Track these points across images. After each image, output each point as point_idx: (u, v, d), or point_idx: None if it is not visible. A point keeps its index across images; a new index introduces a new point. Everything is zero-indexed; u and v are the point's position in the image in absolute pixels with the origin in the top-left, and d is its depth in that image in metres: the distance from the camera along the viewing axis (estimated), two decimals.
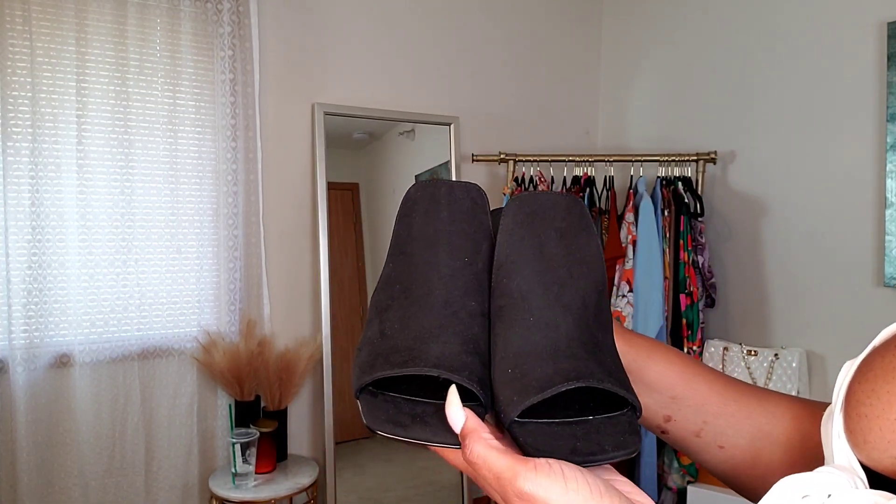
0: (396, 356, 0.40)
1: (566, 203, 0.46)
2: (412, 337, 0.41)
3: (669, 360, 0.53)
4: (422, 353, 0.40)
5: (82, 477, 2.02)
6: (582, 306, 0.42)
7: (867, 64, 2.10)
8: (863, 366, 0.37)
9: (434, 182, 0.47)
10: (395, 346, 0.41)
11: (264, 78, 2.32)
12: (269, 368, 2.20)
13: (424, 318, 0.42)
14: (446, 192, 0.46)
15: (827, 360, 2.22)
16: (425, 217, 0.45)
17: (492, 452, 0.37)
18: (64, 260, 2.00)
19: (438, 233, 0.45)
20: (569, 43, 3.05)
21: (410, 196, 0.47)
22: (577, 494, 0.35)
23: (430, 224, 0.45)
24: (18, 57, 1.92)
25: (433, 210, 0.46)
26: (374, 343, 0.42)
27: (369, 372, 0.40)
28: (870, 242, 2.10)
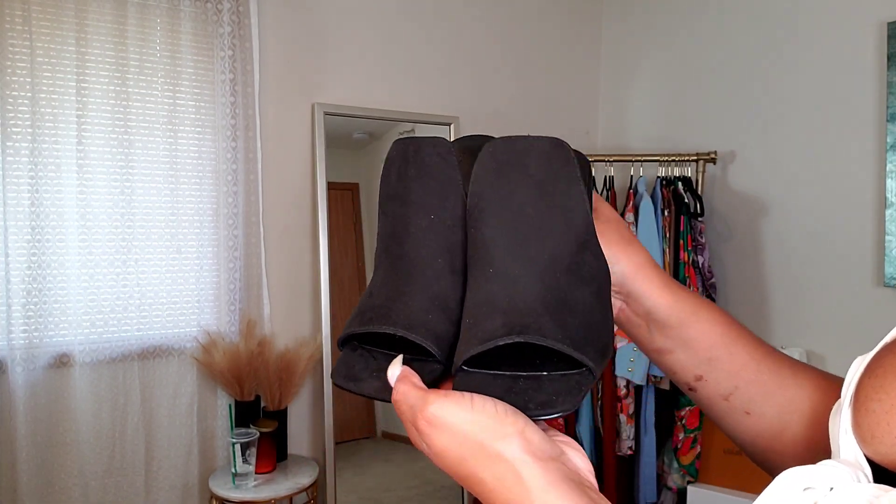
0: (368, 314, 0.41)
1: (546, 148, 0.42)
2: (385, 296, 0.42)
3: (714, 319, 0.51)
4: (389, 311, 0.41)
5: (82, 477, 2.02)
6: (551, 259, 0.40)
7: (867, 64, 2.10)
8: (873, 362, 0.37)
9: (405, 140, 0.46)
10: (372, 304, 0.42)
11: (264, 78, 2.32)
12: (269, 368, 2.20)
13: (397, 278, 0.43)
14: (413, 149, 0.45)
15: (827, 360, 2.22)
16: (397, 176, 0.45)
17: (411, 388, 0.37)
18: (64, 260, 2.00)
19: (407, 190, 0.45)
20: (569, 43, 3.04)
21: (389, 156, 0.47)
22: (482, 414, 0.35)
23: (400, 182, 0.45)
24: (18, 57, 1.92)
25: (403, 168, 0.45)
26: (361, 301, 0.43)
27: (346, 328, 0.42)
28: (870, 242, 2.10)
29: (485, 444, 0.35)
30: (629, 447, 2.42)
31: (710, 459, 2.32)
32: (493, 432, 0.35)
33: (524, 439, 0.35)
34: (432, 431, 0.36)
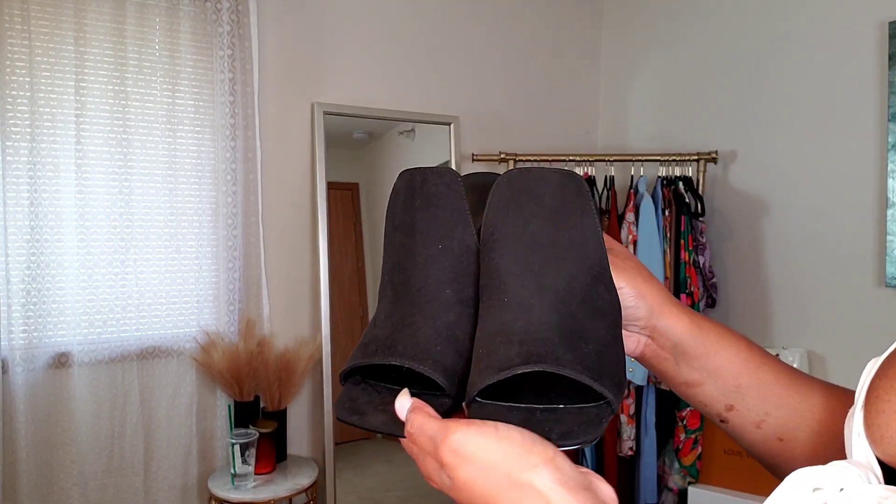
0: (372, 346, 0.41)
1: (559, 179, 0.42)
2: (391, 327, 0.41)
3: (738, 345, 0.51)
4: (394, 342, 0.40)
5: (81, 477, 2.01)
6: (566, 289, 0.40)
7: (868, 64, 2.09)
8: (885, 363, 0.36)
9: (412, 171, 0.46)
10: (376, 336, 0.41)
11: (264, 77, 2.32)
12: (268, 368, 2.20)
13: (403, 308, 0.42)
14: (420, 180, 0.45)
15: (828, 360, 2.22)
16: (403, 207, 0.45)
17: (429, 419, 0.36)
18: (62, 260, 1.99)
19: (413, 220, 0.44)
20: (569, 42, 3.04)
21: (395, 187, 0.46)
22: (509, 443, 0.34)
23: (407, 213, 0.45)
24: (17, 56, 1.92)
25: (409, 199, 0.45)
26: (366, 332, 0.43)
27: (349, 361, 0.41)
28: (871, 242, 2.09)
29: (512, 474, 0.33)
30: (630, 448, 2.42)
31: (711, 460, 2.31)
32: (522, 462, 0.33)
33: (555, 468, 0.33)
34: (457, 462, 0.34)
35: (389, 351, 0.40)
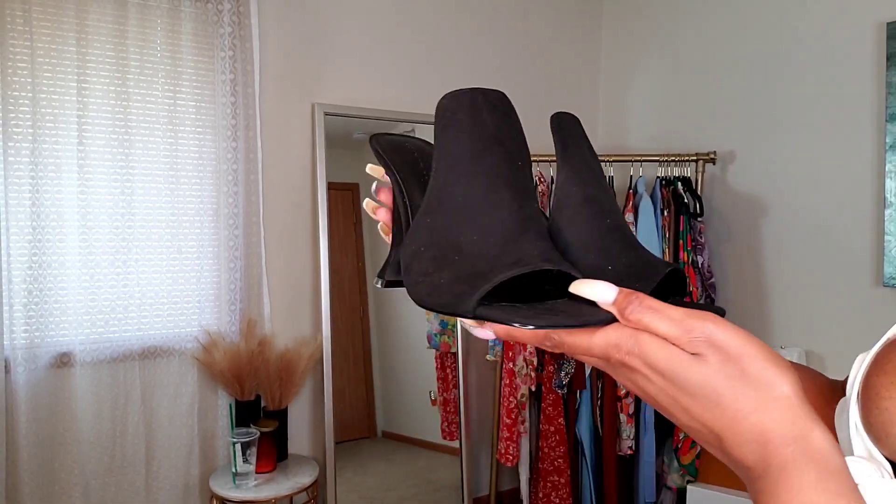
0: (504, 259, 0.39)
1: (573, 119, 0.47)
2: (498, 244, 0.40)
3: None
4: (523, 254, 0.39)
5: (83, 476, 2.02)
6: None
7: (867, 64, 2.10)
8: (880, 358, 0.36)
9: (465, 91, 0.46)
10: (486, 253, 0.40)
11: (264, 78, 2.33)
12: (269, 368, 2.21)
13: (502, 226, 0.41)
14: (482, 99, 0.46)
15: (826, 360, 2.23)
16: (473, 127, 0.44)
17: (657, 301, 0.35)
18: (64, 260, 2.00)
19: (491, 139, 0.44)
20: (568, 43, 3.05)
21: (446, 106, 0.45)
22: (758, 345, 0.34)
23: (479, 132, 0.44)
24: (19, 57, 1.93)
25: (478, 118, 0.44)
26: (456, 258, 0.40)
27: (477, 282, 0.38)
28: (869, 242, 2.10)
29: (754, 371, 0.34)
30: (629, 447, 2.43)
31: (709, 459, 2.32)
32: (771, 362, 0.34)
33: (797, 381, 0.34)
34: (704, 346, 0.34)
35: (528, 260, 0.38)
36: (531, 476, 2.58)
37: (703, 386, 0.33)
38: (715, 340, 0.33)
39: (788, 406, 0.32)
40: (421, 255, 0.42)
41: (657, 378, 0.35)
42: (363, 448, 2.70)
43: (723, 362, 0.33)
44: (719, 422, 0.33)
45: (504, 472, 2.77)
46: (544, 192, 2.62)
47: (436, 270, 0.41)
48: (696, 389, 0.33)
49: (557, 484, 2.49)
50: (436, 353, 2.71)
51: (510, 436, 2.48)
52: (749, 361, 0.33)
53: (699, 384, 0.33)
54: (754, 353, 0.33)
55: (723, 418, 0.33)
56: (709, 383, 0.33)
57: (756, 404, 0.32)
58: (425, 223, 0.44)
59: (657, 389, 0.35)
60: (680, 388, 0.34)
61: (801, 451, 0.31)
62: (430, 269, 0.41)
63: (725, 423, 0.33)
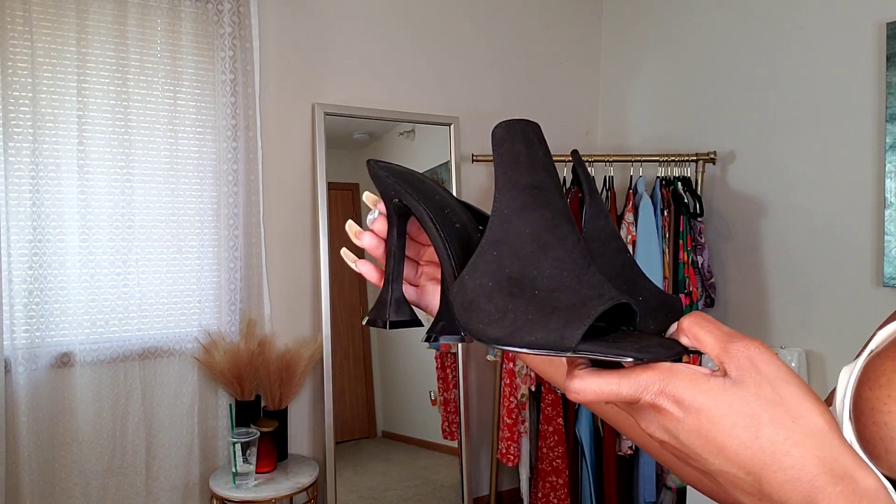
0: (586, 292, 0.38)
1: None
2: (573, 276, 0.39)
3: None
4: (600, 287, 0.38)
5: (83, 476, 2.02)
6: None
7: (867, 64, 2.10)
8: (870, 371, 0.35)
9: (517, 122, 0.46)
10: (566, 286, 0.38)
11: (264, 78, 2.33)
12: (269, 368, 2.21)
13: (571, 258, 0.40)
14: (531, 129, 0.46)
15: (826, 360, 2.23)
16: (529, 158, 0.44)
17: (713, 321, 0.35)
18: (65, 260, 2.00)
19: (545, 170, 0.43)
20: (569, 43, 3.05)
21: (502, 136, 0.45)
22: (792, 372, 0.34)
23: (536, 163, 0.43)
24: (19, 57, 1.93)
25: (532, 150, 0.44)
26: (536, 292, 0.39)
27: (571, 316, 0.36)
28: (869, 242, 2.10)
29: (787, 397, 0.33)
30: (629, 447, 2.43)
31: None
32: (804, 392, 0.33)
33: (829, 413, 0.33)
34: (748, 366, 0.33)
35: (610, 295, 0.38)
36: (531, 476, 2.58)
37: (741, 413, 0.32)
38: (756, 361, 0.33)
39: (829, 442, 0.31)
40: (491, 291, 0.39)
41: (689, 417, 0.33)
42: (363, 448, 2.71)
43: (760, 384, 0.32)
44: (759, 458, 0.31)
45: (504, 472, 2.77)
46: None
47: (516, 307, 0.38)
48: (734, 419, 0.32)
49: (556, 484, 2.49)
50: (436, 352, 2.71)
51: (510, 436, 2.48)
52: (785, 388, 0.32)
53: (737, 411, 0.32)
54: (791, 380, 0.32)
55: (763, 453, 0.31)
56: (747, 405, 0.32)
57: (797, 438, 0.31)
58: (492, 256, 0.41)
59: (688, 431, 0.33)
60: (714, 424, 0.32)
61: (852, 491, 0.30)
62: (508, 306, 0.38)
63: (766, 459, 0.31)
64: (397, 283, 0.53)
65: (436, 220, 0.48)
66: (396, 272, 0.52)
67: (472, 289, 0.40)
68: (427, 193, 0.51)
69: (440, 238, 0.47)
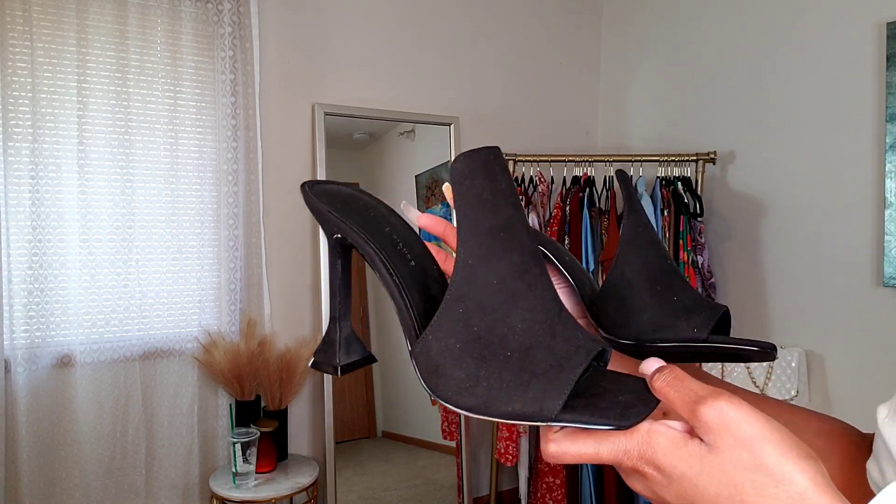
0: (560, 346, 0.36)
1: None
2: (545, 329, 0.37)
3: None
4: (575, 337, 0.36)
5: (83, 477, 2.02)
6: None
7: (867, 64, 2.10)
8: None
9: (479, 152, 0.42)
10: (538, 343, 0.36)
11: (265, 78, 2.33)
12: (269, 368, 2.21)
13: (543, 307, 0.37)
14: (494, 159, 0.41)
15: (826, 360, 2.23)
16: (493, 196, 0.40)
17: (688, 377, 0.34)
18: (65, 260, 2.00)
19: (511, 207, 0.40)
20: (569, 43, 3.05)
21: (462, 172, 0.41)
22: (774, 426, 0.32)
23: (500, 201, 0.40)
24: (19, 57, 1.93)
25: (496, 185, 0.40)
26: (508, 353, 0.36)
27: (548, 381, 0.34)
28: (869, 242, 2.10)
29: (766, 459, 0.32)
30: None
31: None
32: (786, 448, 0.32)
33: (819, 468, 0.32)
34: (718, 427, 0.32)
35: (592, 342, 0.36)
36: (530, 476, 2.58)
37: (722, 483, 0.31)
38: (727, 424, 0.31)
39: (816, 502, 0.30)
40: (459, 354, 0.36)
41: (673, 484, 0.33)
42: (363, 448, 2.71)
43: (734, 449, 0.31)
44: None
45: (504, 472, 2.78)
46: (544, 191, 2.62)
47: (489, 373, 0.35)
48: (717, 489, 0.31)
49: (554, 484, 2.49)
50: None
51: (509, 435, 2.48)
52: (763, 448, 0.31)
53: (718, 481, 0.31)
54: (769, 437, 0.31)
55: None
56: (727, 475, 0.31)
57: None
58: (457, 314, 0.37)
59: (674, 495, 0.33)
60: (698, 492, 0.32)
61: None
62: (480, 372, 0.35)
63: None
64: (346, 321, 0.48)
65: (389, 263, 0.42)
66: (343, 309, 0.48)
67: (437, 351, 0.37)
68: (374, 226, 0.45)
69: (395, 285, 0.42)
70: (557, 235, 2.48)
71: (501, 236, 0.38)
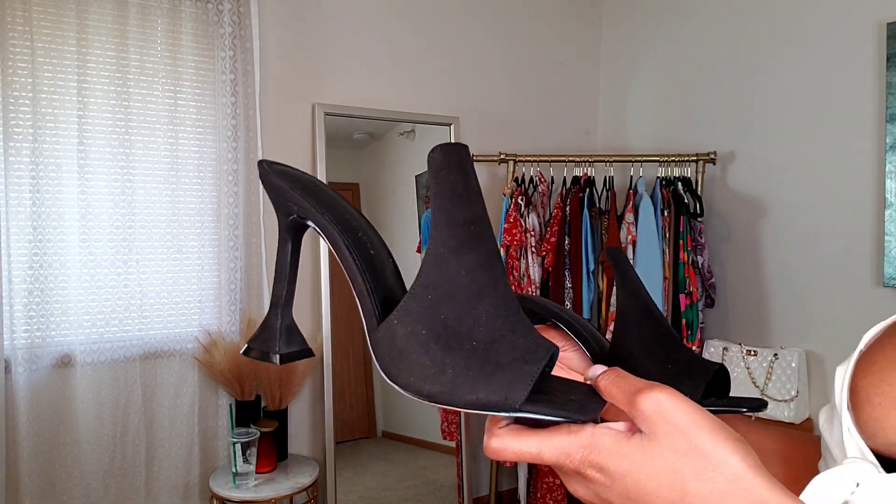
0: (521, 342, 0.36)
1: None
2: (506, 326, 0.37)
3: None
4: (534, 337, 0.37)
5: (83, 477, 2.02)
6: None
7: (867, 64, 2.10)
8: (863, 363, 0.38)
9: (454, 147, 0.41)
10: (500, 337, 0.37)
11: (265, 78, 2.33)
12: (269, 368, 2.21)
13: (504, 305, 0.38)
14: (466, 155, 0.42)
15: (826, 360, 2.23)
16: (466, 190, 0.40)
17: (630, 375, 0.36)
18: (65, 260, 2.00)
19: (480, 204, 0.40)
20: (569, 43, 3.05)
21: (439, 163, 0.41)
22: (707, 415, 0.34)
23: (471, 196, 0.40)
24: (19, 57, 1.93)
25: (468, 180, 0.40)
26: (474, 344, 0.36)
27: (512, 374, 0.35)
28: (869, 242, 2.10)
29: (702, 445, 0.33)
30: None
31: None
32: (720, 435, 0.33)
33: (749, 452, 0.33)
34: (656, 417, 0.33)
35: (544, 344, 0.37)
36: (529, 476, 2.58)
37: (662, 472, 0.32)
38: (664, 411, 0.33)
39: (751, 484, 0.31)
40: (426, 341, 0.36)
41: (616, 484, 0.33)
42: (363, 448, 2.71)
43: (672, 436, 0.32)
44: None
45: (504, 472, 2.78)
46: (544, 191, 2.62)
47: (455, 361, 0.35)
48: (658, 480, 0.32)
49: (554, 485, 2.49)
50: None
51: None
52: (697, 433, 0.32)
53: (659, 471, 0.32)
54: (702, 423, 0.32)
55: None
56: (666, 463, 0.32)
57: (721, 488, 0.31)
58: (426, 300, 0.37)
59: (617, 495, 0.34)
60: (640, 488, 0.33)
61: None
62: (446, 359, 0.35)
63: None
64: (288, 309, 0.46)
65: (351, 246, 0.42)
66: (288, 295, 0.45)
67: (402, 336, 0.37)
68: (337, 211, 0.44)
69: (357, 269, 0.41)
70: (557, 235, 2.48)
71: (472, 230, 0.39)
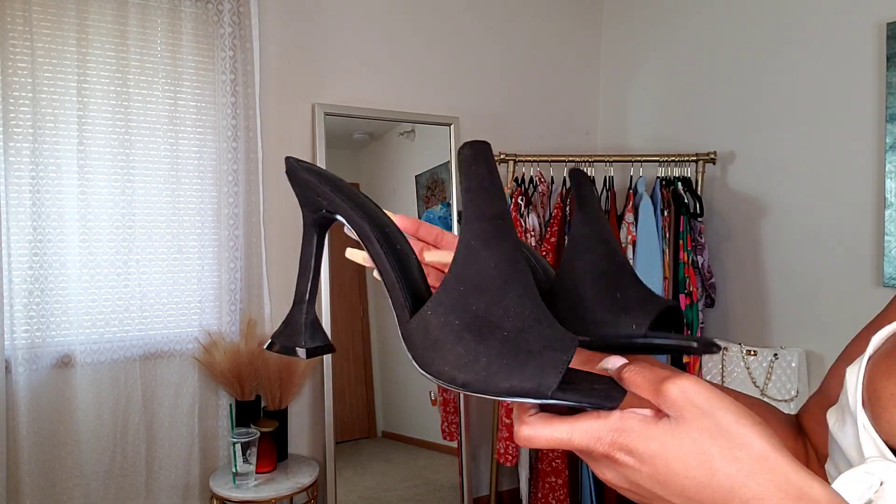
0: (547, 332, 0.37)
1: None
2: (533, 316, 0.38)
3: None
4: (559, 326, 0.38)
5: (83, 477, 2.02)
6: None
7: (867, 64, 2.10)
8: (881, 366, 0.39)
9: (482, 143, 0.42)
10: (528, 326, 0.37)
11: (265, 78, 2.33)
12: (269, 368, 2.21)
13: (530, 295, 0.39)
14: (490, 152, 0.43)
15: (826, 360, 2.23)
16: (492, 185, 0.41)
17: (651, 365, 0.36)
18: (65, 260, 2.00)
19: (503, 199, 0.41)
20: (569, 43, 3.05)
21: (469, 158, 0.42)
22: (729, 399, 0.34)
23: (498, 191, 0.41)
24: (19, 57, 1.93)
25: (494, 175, 0.41)
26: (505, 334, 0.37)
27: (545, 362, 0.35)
28: (869, 242, 2.10)
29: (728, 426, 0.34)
30: None
31: None
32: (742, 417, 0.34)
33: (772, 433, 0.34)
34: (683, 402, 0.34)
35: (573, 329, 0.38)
36: (530, 476, 2.58)
37: (691, 453, 0.33)
38: (689, 395, 0.34)
39: (776, 464, 0.32)
40: (459, 330, 0.37)
41: (645, 466, 0.34)
42: (363, 448, 2.71)
43: (699, 417, 0.33)
44: (720, 494, 0.32)
45: (504, 473, 2.78)
46: (544, 191, 2.62)
47: (488, 350, 0.36)
48: (686, 461, 0.33)
49: (555, 485, 2.49)
50: None
51: (510, 436, 2.48)
52: (723, 415, 0.33)
53: (687, 452, 0.33)
54: (725, 406, 0.33)
55: (722, 489, 0.32)
56: (695, 443, 0.33)
57: (748, 467, 0.32)
58: (458, 291, 0.38)
59: (646, 478, 0.34)
60: (670, 469, 0.33)
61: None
62: (479, 348, 0.36)
63: (726, 494, 0.32)
64: (312, 304, 0.47)
65: (382, 243, 0.43)
66: (312, 291, 0.46)
67: (435, 326, 0.38)
68: (365, 207, 0.46)
69: (388, 261, 0.42)
70: (557, 235, 2.48)
71: (499, 224, 0.40)
